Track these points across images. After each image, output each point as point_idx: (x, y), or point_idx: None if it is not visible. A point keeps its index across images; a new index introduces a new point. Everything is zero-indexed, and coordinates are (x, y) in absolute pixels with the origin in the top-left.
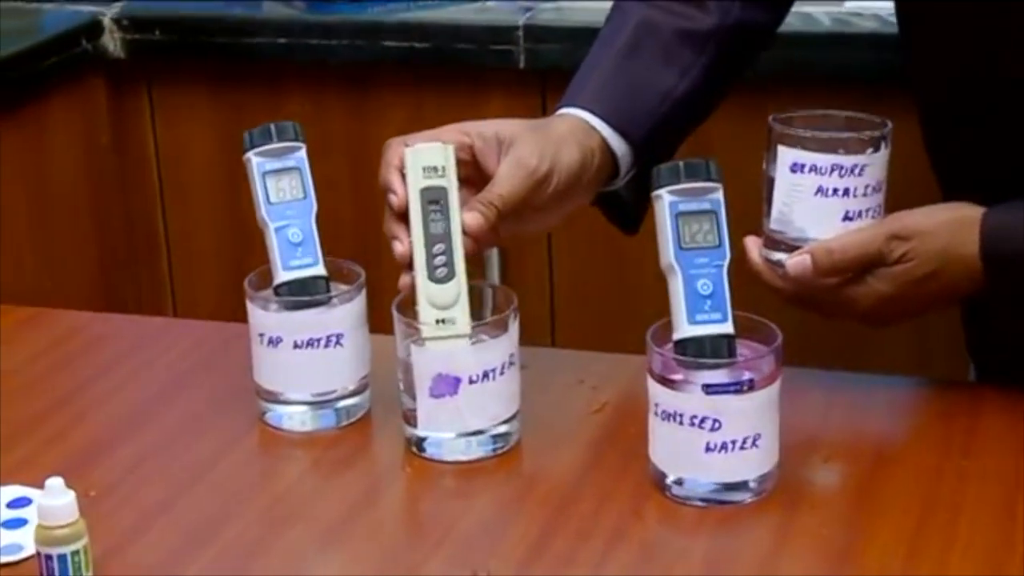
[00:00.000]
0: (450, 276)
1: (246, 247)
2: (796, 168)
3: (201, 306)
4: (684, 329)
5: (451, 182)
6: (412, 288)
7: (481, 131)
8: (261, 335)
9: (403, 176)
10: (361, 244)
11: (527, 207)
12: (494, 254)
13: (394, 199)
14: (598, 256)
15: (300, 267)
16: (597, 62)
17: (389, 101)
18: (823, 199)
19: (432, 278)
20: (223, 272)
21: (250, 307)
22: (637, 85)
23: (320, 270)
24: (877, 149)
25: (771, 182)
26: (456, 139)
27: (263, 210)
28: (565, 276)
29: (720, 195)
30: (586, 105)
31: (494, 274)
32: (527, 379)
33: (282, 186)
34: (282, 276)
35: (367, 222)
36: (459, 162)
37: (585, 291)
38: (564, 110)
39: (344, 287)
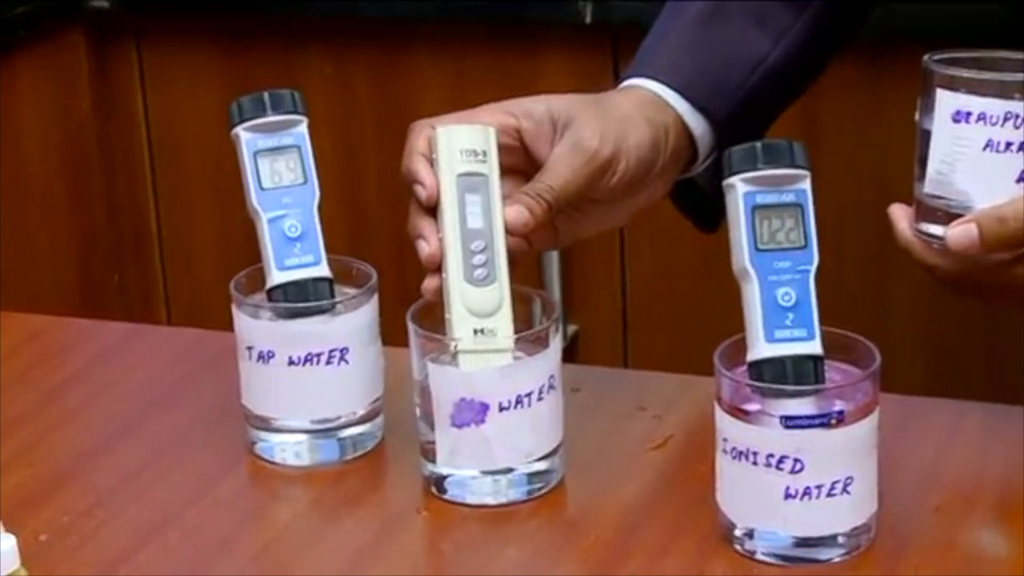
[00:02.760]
0: (491, 279)
1: (256, 240)
2: (960, 117)
3: (200, 311)
4: (760, 348)
5: (493, 169)
6: (439, 294)
7: (529, 110)
8: (250, 349)
9: (431, 163)
10: (391, 239)
11: (587, 200)
12: (553, 257)
13: (422, 190)
14: (682, 258)
15: (298, 267)
16: (671, 24)
17: (426, 63)
18: (993, 155)
19: (470, 280)
20: (227, 271)
21: (237, 315)
22: (722, 52)
23: (323, 270)
24: None
25: (925, 136)
26: (499, 121)
27: (254, 197)
28: (641, 283)
29: (807, 184)
30: (658, 75)
31: (553, 283)
32: (577, 404)
33: (277, 168)
34: (276, 277)
35: (398, 212)
36: (503, 148)
37: (664, 301)
38: (630, 81)
39: (351, 291)
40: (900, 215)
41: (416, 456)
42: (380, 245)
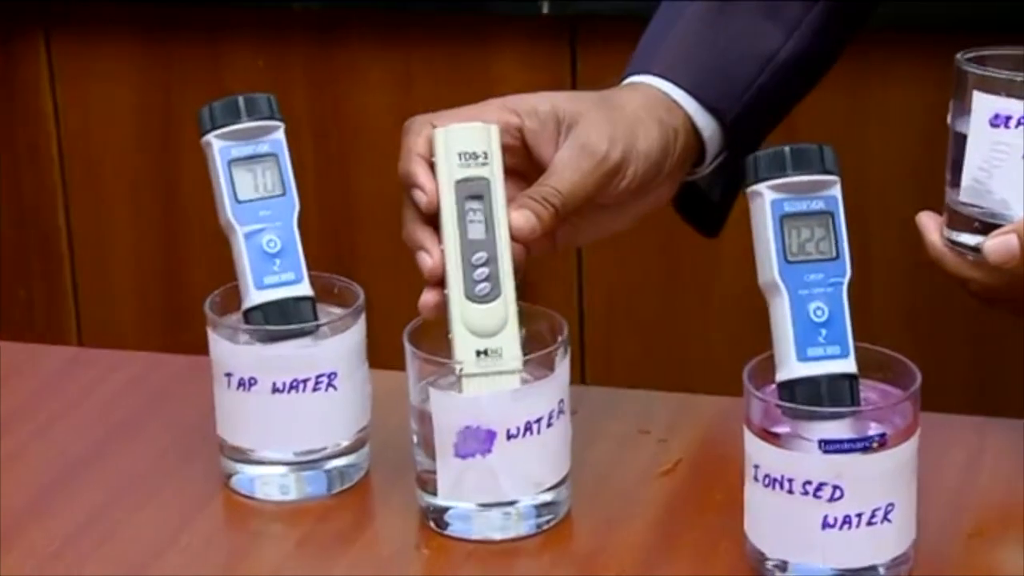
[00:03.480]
0: (495, 294)
1: (180, 253)
2: (999, 121)
3: (114, 329)
4: (792, 367)
5: (495, 173)
6: (442, 311)
7: (533, 107)
8: (228, 375)
9: (431, 166)
10: (333, 252)
11: (591, 206)
12: None
13: (422, 197)
14: (643, 273)
15: (279, 285)
16: (676, 17)
17: (369, 57)
18: None
19: (471, 297)
20: (144, 285)
21: (213, 338)
22: (731, 47)
23: (305, 289)
24: None
25: (960, 141)
26: (500, 119)
27: (229, 211)
28: (599, 299)
29: (838, 191)
30: (666, 73)
31: None
32: (576, 428)
33: (254, 179)
34: (255, 297)
35: (341, 223)
36: (505, 148)
37: (623, 317)
38: (636, 79)
39: (337, 311)
40: (930, 224)
41: (407, 487)
42: (326, 257)
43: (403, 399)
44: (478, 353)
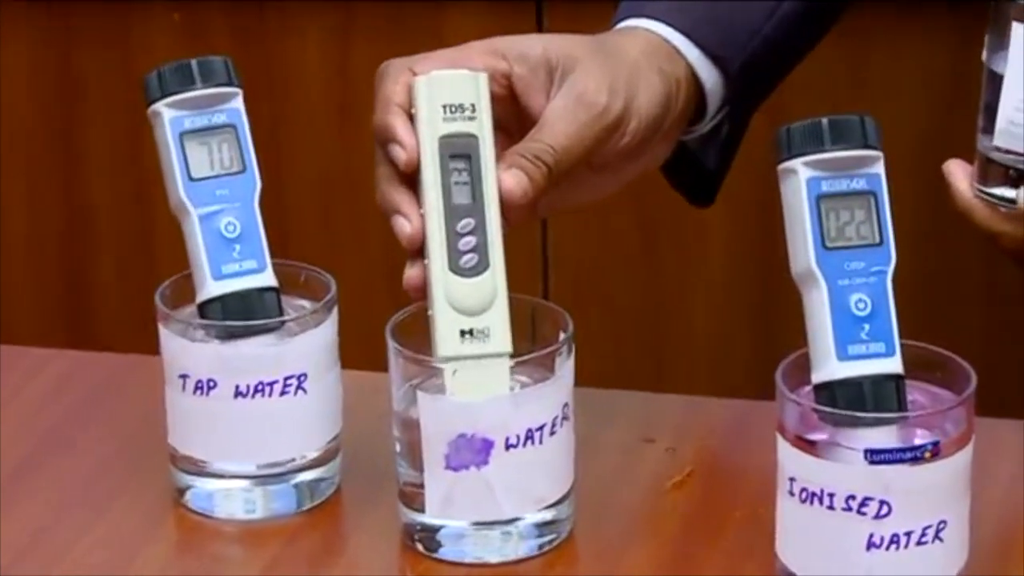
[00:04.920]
0: (482, 267)
1: (83, 237)
2: None
3: (21, 326)
4: (831, 367)
5: (484, 127)
6: (424, 290)
7: (523, 51)
8: (184, 377)
9: (411, 119)
10: (278, 236)
11: (581, 167)
12: None
13: (401, 153)
14: (613, 260)
15: (239, 274)
16: None
17: (301, 7)
18: None
19: (455, 269)
20: (40, 275)
21: (164, 335)
22: None
23: (269, 279)
24: None
25: (995, 80)
26: (484, 63)
27: (181, 190)
28: (565, 273)
29: (881, 168)
30: (664, 16)
31: None
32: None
33: (210, 153)
34: (212, 288)
35: (272, 198)
36: (492, 98)
37: (592, 307)
38: (631, 22)
39: (305, 304)
40: (959, 172)
41: (386, 503)
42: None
43: (375, 403)
44: (462, 334)
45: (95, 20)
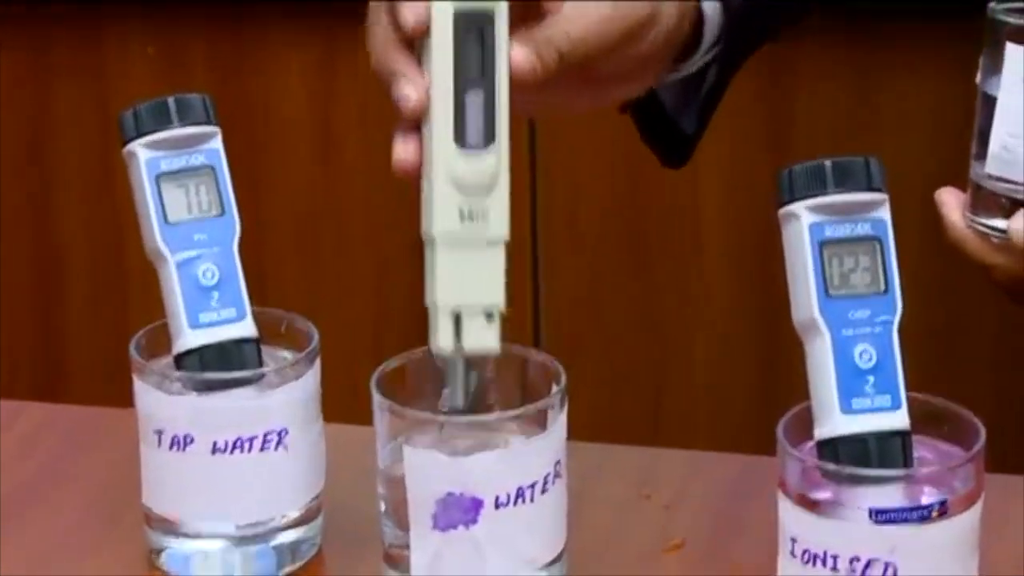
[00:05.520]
0: (488, 143)
1: (53, 282)
2: None
3: None
4: (835, 422)
5: (501, 6)
6: (416, 169)
7: None
8: (159, 433)
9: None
10: (258, 281)
11: (590, 68)
12: None
13: (408, 12)
14: (607, 299)
15: (218, 323)
16: None
17: (284, 42)
18: None
19: (461, 143)
20: (23, 323)
21: (139, 387)
22: None
23: (248, 328)
24: None
25: (989, 103)
26: None
27: (157, 235)
28: (558, 322)
29: (887, 212)
30: None
31: None
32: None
33: (187, 196)
34: (190, 339)
35: (249, 237)
36: None
37: (587, 351)
38: None
39: (286, 354)
40: (952, 201)
41: (370, 565)
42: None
43: (359, 459)
44: (461, 213)
45: (69, 53)
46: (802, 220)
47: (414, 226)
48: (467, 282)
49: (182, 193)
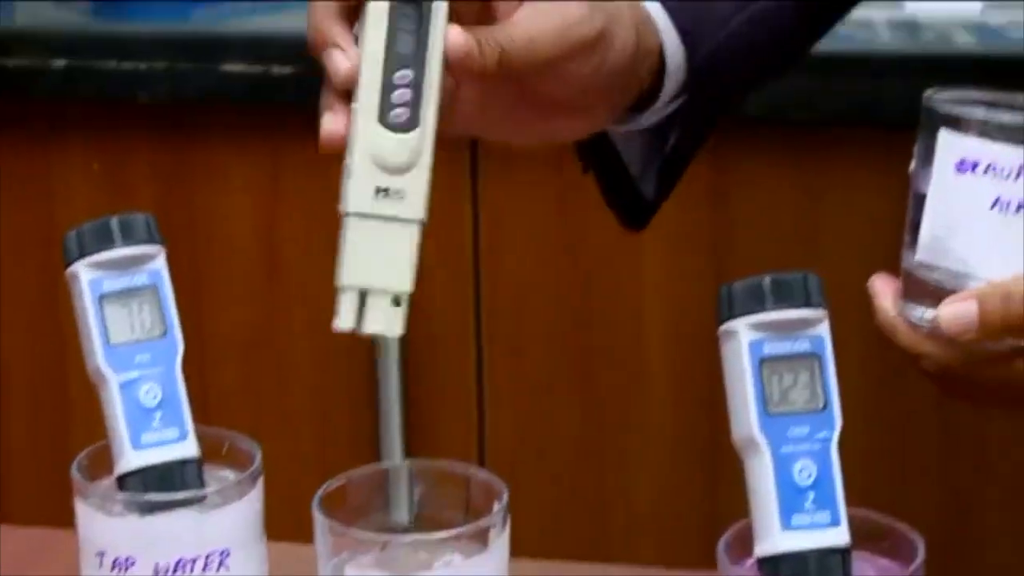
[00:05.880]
0: (412, 124)
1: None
2: (965, 167)
3: None
4: (775, 539)
5: None
6: (342, 142)
7: None
8: (101, 555)
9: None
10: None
11: (534, 86)
12: (392, 388)
13: None
14: (553, 416)
15: (160, 444)
16: None
17: (228, 158)
18: (1004, 216)
19: (384, 120)
20: None
21: (80, 509)
22: None
23: (191, 448)
24: None
25: (919, 193)
26: None
27: (100, 355)
28: (502, 438)
29: (826, 329)
30: None
31: (392, 425)
32: None
33: (130, 317)
34: (132, 459)
35: (192, 355)
36: None
37: (533, 463)
38: None
39: (229, 474)
40: (884, 289)
41: None
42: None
43: None
44: (377, 191)
45: (12, 168)
46: (741, 337)
47: (358, 345)
48: (376, 263)
49: (125, 313)
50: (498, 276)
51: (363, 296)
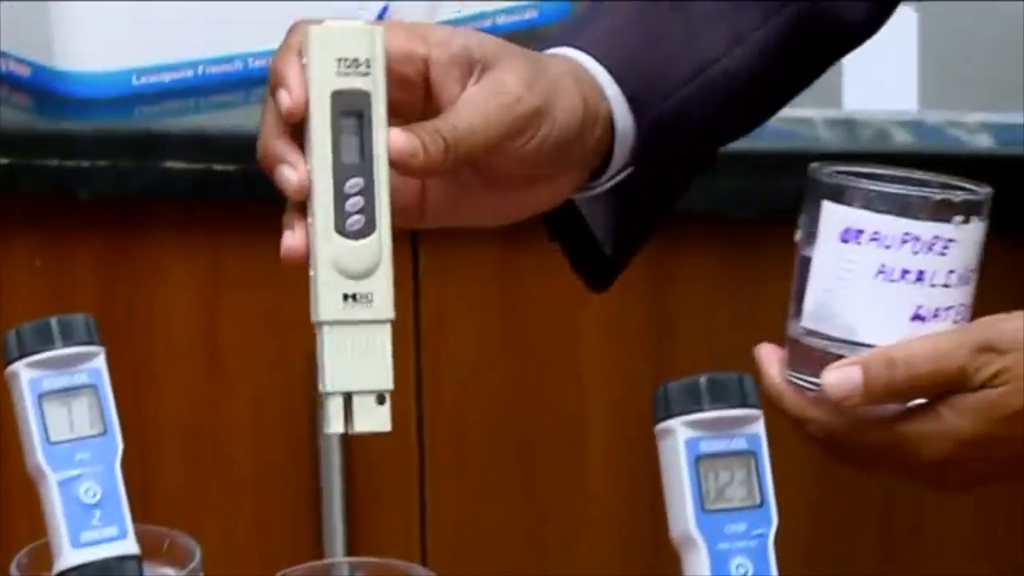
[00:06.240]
0: (369, 230)
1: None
2: (850, 236)
3: None
4: None
5: (378, 83)
6: (304, 256)
7: (445, 40)
8: None
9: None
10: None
11: (480, 177)
12: (335, 481)
13: (285, 98)
14: (493, 495)
15: (99, 542)
16: (608, 3)
17: (170, 255)
18: (886, 285)
19: (341, 230)
20: None
21: None
22: (663, 44)
23: (130, 546)
24: (968, 220)
25: (805, 263)
26: (402, 45)
27: (39, 454)
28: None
29: (761, 427)
30: (589, 47)
31: (334, 514)
32: None
33: (70, 415)
34: (71, 557)
35: (133, 454)
36: (401, 81)
37: (472, 541)
38: (557, 50)
39: (169, 572)
40: (770, 356)
41: None
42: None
43: None
44: (345, 298)
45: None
46: (678, 436)
47: (300, 442)
48: (355, 366)
49: (64, 412)
50: (439, 372)
51: (347, 399)
